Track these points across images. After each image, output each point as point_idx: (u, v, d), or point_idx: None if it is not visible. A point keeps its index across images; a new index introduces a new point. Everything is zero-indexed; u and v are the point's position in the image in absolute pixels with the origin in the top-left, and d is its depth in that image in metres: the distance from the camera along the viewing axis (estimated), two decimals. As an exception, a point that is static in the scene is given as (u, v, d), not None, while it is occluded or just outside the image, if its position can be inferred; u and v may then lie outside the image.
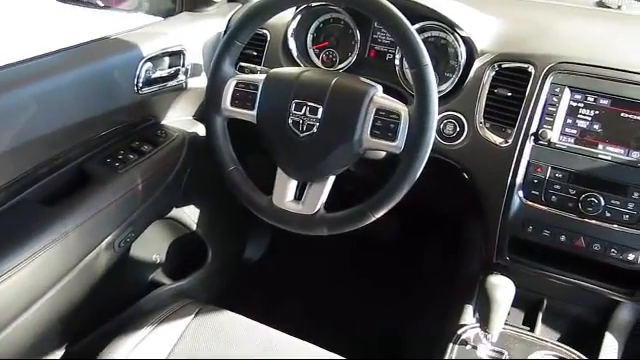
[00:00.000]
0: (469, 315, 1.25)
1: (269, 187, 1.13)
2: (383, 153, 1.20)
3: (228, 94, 1.12)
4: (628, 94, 1.06)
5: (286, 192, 1.11)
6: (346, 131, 1.04)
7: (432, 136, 1.01)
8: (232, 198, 1.18)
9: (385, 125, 1.03)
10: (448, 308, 1.32)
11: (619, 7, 1.33)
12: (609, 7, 1.34)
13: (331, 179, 1.09)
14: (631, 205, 1.05)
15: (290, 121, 1.07)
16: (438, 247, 1.83)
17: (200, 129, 1.41)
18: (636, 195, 1.05)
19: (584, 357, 1.15)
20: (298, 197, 1.12)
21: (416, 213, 1.72)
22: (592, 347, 1.20)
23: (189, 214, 1.53)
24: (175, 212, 1.48)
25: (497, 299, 1.08)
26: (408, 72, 1.24)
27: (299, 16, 1.32)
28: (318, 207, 1.09)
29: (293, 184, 1.11)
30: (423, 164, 1.01)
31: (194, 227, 1.55)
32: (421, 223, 1.84)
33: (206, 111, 1.16)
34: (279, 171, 1.12)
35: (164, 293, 1.51)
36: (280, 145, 1.10)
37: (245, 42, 1.13)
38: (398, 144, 1.02)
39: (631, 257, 1.07)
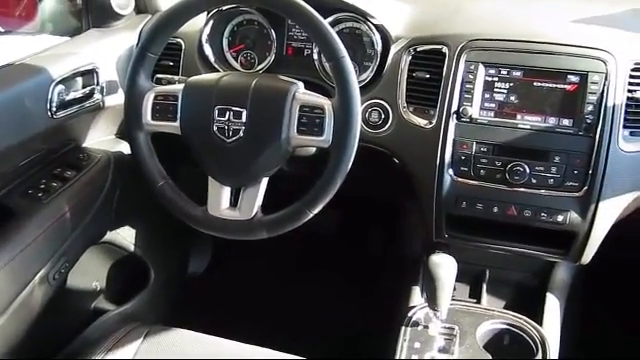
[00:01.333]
0: (417, 296, 1.28)
1: (204, 197, 1.11)
2: (314, 149, 1.20)
3: (148, 108, 1.09)
4: (538, 63, 1.10)
5: (220, 200, 1.09)
6: (273, 131, 1.04)
7: (358, 126, 1.01)
8: (168, 214, 1.15)
9: (311, 121, 1.03)
10: (397, 292, 1.34)
11: (521, -18, 1.38)
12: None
13: (264, 181, 1.08)
14: (554, 169, 1.10)
15: (215, 128, 1.05)
16: (380, 233, 1.86)
17: (125, 147, 1.37)
18: (557, 159, 1.09)
19: (529, 320, 1.19)
20: (233, 203, 1.10)
21: (355, 203, 1.73)
22: (536, 309, 1.25)
23: (125, 236, 1.49)
24: (110, 236, 1.43)
25: (441, 277, 1.10)
26: (328, 66, 1.25)
27: (211, 21, 1.30)
28: (255, 211, 1.08)
29: (227, 191, 1.10)
30: (353, 155, 1.02)
31: (132, 248, 1.51)
32: (361, 212, 1.85)
33: (127, 128, 1.12)
34: (211, 180, 1.10)
35: (109, 320, 1.47)
36: (208, 154, 1.08)
37: (158, 53, 1.10)
38: (326, 138, 1.02)
39: (560, 218, 1.11)
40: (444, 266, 1.11)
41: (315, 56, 1.27)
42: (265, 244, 1.24)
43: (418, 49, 1.18)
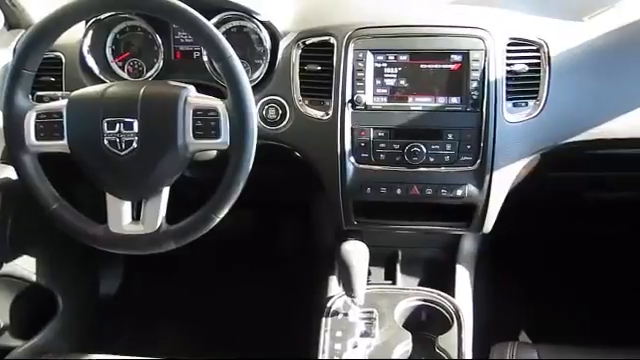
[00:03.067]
0: (334, 285, 1.29)
1: (105, 215, 1.06)
2: (214, 152, 1.18)
3: (30, 128, 1.03)
4: (422, 46, 1.14)
5: (121, 216, 1.05)
6: (168, 139, 1.01)
7: (254, 125, 1.00)
8: (68, 237, 1.09)
9: (206, 124, 1.01)
10: (315, 284, 1.35)
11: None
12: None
13: (166, 191, 1.05)
14: (448, 146, 1.14)
15: (106, 142, 1.01)
16: (293, 228, 1.86)
17: (11, 172, 1.28)
18: (450, 137, 1.14)
19: (443, 293, 1.24)
20: (136, 217, 1.06)
21: (265, 200, 1.73)
22: (448, 282, 1.30)
23: (25, 266, 1.40)
24: (7, 268, 1.34)
25: (354, 264, 1.12)
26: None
27: (91, 31, 1.24)
28: (159, 222, 1.05)
29: (127, 206, 1.06)
30: (252, 154, 1.01)
31: (34, 278, 1.42)
32: (272, 208, 1.85)
33: (10, 152, 1.06)
34: (108, 196, 1.05)
35: (18, 356, 1.38)
36: (102, 170, 1.04)
37: (35, 69, 1.04)
38: (223, 140, 1.01)
39: (459, 192, 1.16)
40: (356, 253, 1.13)
41: (205, 58, 1.25)
42: (179, 255, 1.21)
43: (307, 42, 1.19)
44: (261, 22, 1.21)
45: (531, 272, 1.74)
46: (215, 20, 1.21)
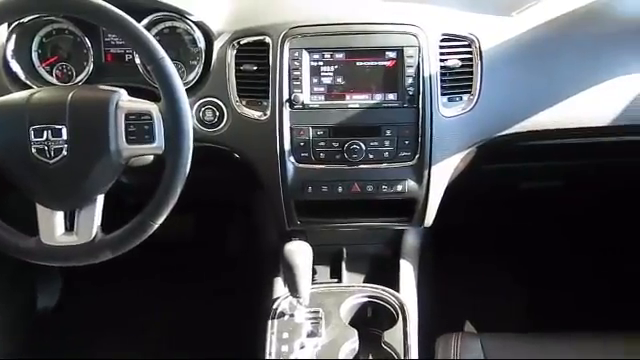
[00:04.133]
0: (280, 287, 1.28)
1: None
2: (151, 157, 1.15)
3: None
4: (357, 44, 1.14)
5: (54, 227, 1.01)
6: (100, 145, 0.98)
7: (189, 128, 0.98)
8: (-1, 252, 1.04)
9: (139, 128, 0.98)
10: (260, 286, 1.33)
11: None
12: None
13: (100, 199, 1.02)
14: (387, 142, 1.15)
15: (34, 150, 0.97)
16: (238, 230, 1.84)
17: None
18: (389, 133, 1.15)
19: (388, 289, 1.25)
20: (70, 228, 1.02)
21: (207, 203, 1.70)
22: (393, 277, 1.31)
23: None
24: None
25: (298, 264, 1.11)
26: None
27: (14, 35, 1.18)
28: (94, 232, 1.01)
29: (59, 216, 1.01)
30: (189, 157, 0.99)
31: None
32: (215, 211, 1.82)
33: None
34: (39, 206, 1.01)
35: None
36: (31, 179, 1.00)
37: None
38: (158, 144, 0.99)
39: (399, 188, 1.17)
40: (299, 253, 1.13)
41: (138, 60, 1.21)
42: (120, 263, 1.18)
43: (241, 42, 1.17)
44: (194, 22, 1.19)
45: (473, 263, 1.78)
46: (146, 21, 1.18)
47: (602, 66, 1.20)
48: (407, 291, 1.27)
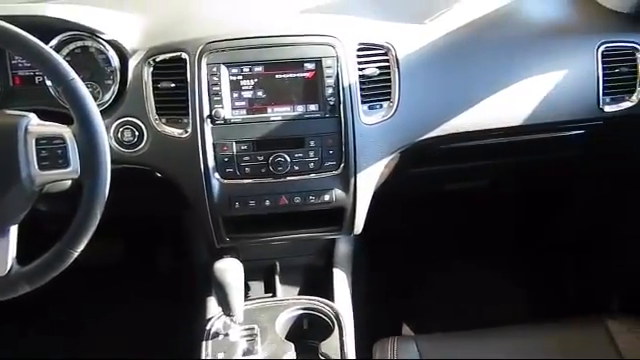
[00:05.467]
0: (213, 306, 1.25)
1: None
2: (68, 182, 1.11)
3: None
4: (275, 56, 1.14)
5: (-35, 262, 0.95)
6: (9, 174, 0.93)
7: (106, 149, 0.95)
8: None
9: (52, 153, 0.94)
10: (193, 307, 1.30)
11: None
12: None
13: (13, 230, 0.96)
14: (311, 153, 1.15)
15: None
16: (168, 250, 1.80)
17: None
18: (312, 144, 1.15)
19: (322, 299, 1.24)
20: (-19, 262, 0.97)
21: (135, 224, 1.65)
22: (327, 287, 1.31)
23: None
24: None
25: (229, 282, 1.09)
26: None
27: None
28: (9, 264, 0.96)
29: (-30, 250, 0.96)
30: (107, 180, 0.95)
31: None
32: (144, 232, 1.77)
33: None
34: (-53, 240, 0.95)
35: None
36: None
37: None
38: (73, 168, 0.94)
39: (327, 198, 1.17)
40: (230, 270, 1.10)
41: (49, 82, 1.17)
42: (47, 293, 1.13)
43: (157, 59, 1.15)
44: (106, 41, 1.16)
45: (406, 266, 1.81)
46: (55, 42, 1.13)
47: (514, 68, 1.25)
48: (341, 300, 1.27)
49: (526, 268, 1.84)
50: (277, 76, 1.15)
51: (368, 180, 1.19)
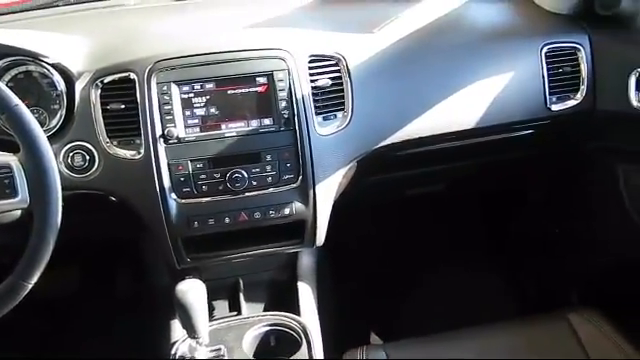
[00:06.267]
0: (177, 329, 1.22)
1: None
2: (18, 212, 1.07)
3: None
4: (226, 72, 1.13)
5: None
6: None
7: (55, 176, 0.93)
8: None
9: None
10: (156, 331, 1.27)
11: (198, -4, 1.41)
12: (185, -1, 1.41)
13: (-40, 265, 0.93)
14: (269, 167, 1.14)
15: None
16: (129, 274, 1.75)
17: None
18: (269, 158, 1.14)
19: (288, 314, 1.23)
20: None
21: (92, 250, 1.61)
22: (292, 301, 1.30)
23: None
24: None
25: (191, 303, 1.06)
26: None
27: None
28: (-41, 301, 0.92)
29: None
30: (58, 208, 0.93)
31: None
32: (103, 257, 1.72)
33: None
34: None
35: None
36: None
37: None
38: (22, 198, 0.92)
39: (287, 211, 1.16)
40: (192, 291, 1.08)
41: (-9, 110, 1.13)
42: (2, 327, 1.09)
43: (105, 80, 1.12)
44: (51, 65, 1.12)
45: (371, 273, 1.81)
46: (-4, 68, 1.10)
47: (463, 72, 1.27)
48: (308, 313, 1.26)
49: (488, 269, 1.86)
50: (229, 92, 1.14)
51: (327, 191, 1.19)
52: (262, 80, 1.14)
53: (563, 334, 1.21)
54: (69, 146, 1.11)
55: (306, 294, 1.31)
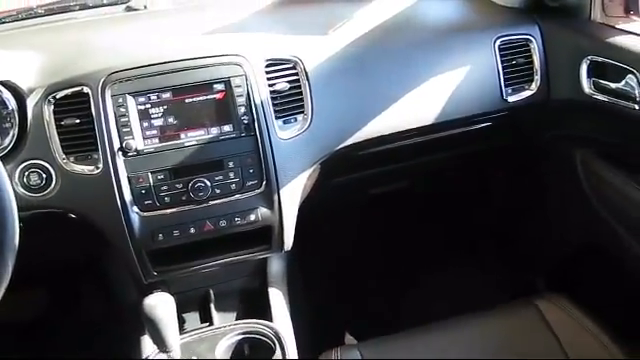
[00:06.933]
0: (148, 345, 1.20)
1: None
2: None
3: None
4: (182, 81, 1.11)
5: None
6: None
7: (9, 197, 0.91)
8: None
9: None
10: (126, 348, 1.24)
11: (145, 7, 1.38)
12: (137, 9, 1.38)
13: None
14: (232, 174, 1.13)
15: None
16: (95, 294, 1.71)
17: None
18: (231, 165, 1.13)
19: (261, 321, 1.22)
20: None
21: (54, 270, 1.57)
22: (264, 308, 1.29)
23: None
24: None
25: (161, 317, 1.04)
26: None
27: None
28: None
29: None
30: (15, 229, 0.91)
31: None
32: (66, 277, 1.68)
33: None
34: None
35: None
36: None
37: None
38: None
39: (252, 217, 1.16)
40: (160, 305, 1.06)
41: (-61, 133, 1.09)
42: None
43: (58, 96, 1.09)
44: (0, 82, 1.09)
45: (341, 274, 1.81)
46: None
47: (419, 69, 1.29)
48: (280, 319, 1.25)
49: (456, 264, 1.88)
50: (187, 100, 1.12)
51: (292, 195, 1.19)
52: (219, 87, 1.13)
53: (533, 321, 1.23)
54: (24, 165, 1.08)
55: (278, 299, 1.30)
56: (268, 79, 1.16)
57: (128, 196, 1.09)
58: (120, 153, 1.09)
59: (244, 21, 1.34)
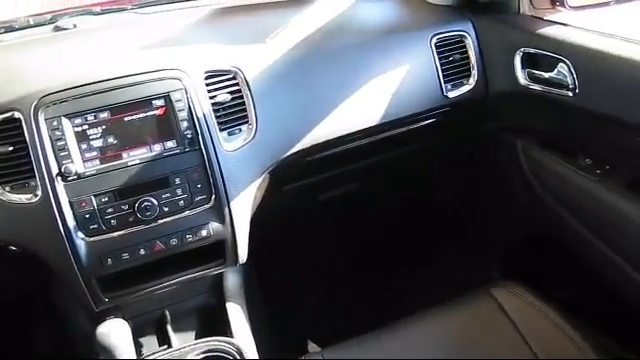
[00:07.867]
0: (106, 375, 1.16)
1: None
2: None
3: None
4: (119, 99, 1.08)
5: None
6: None
7: None
8: None
9: None
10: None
11: (75, 26, 1.34)
12: (66, 29, 1.33)
13: None
14: (179, 191, 1.11)
15: None
16: (45, 328, 1.64)
17: None
18: (178, 181, 1.10)
19: (221, 337, 1.19)
20: None
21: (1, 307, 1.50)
22: (224, 324, 1.26)
23: None
24: None
25: (116, 344, 1.02)
26: None
27: None
28: None
29: None
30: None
31: None
32: (13, 315, 1.60)
33: None
34: None
35: None
36: None
37: None
38: None
39: (204, 233, 1.13)
40: (114, 332, 1.03)
41: None
42: None
43: None
44: None
45: (300, 282, 1.80)
46: None
47: (359, 72, 1.29)
48: (241, 333, 1.23)
49: (413, 261, 1.90)
50: (126, 119, 1.09)
51: (242, 206, 1.17)
52: (159, 103, 1.10)
53: (490, 310, 1.25)
54: None
55: (237, 314, 1.28)
56: (209, 91, 1.14)
57: (71, 222, 1.05)
58: (59, 178, 1.04)
59: (180, 34, 1.32)
